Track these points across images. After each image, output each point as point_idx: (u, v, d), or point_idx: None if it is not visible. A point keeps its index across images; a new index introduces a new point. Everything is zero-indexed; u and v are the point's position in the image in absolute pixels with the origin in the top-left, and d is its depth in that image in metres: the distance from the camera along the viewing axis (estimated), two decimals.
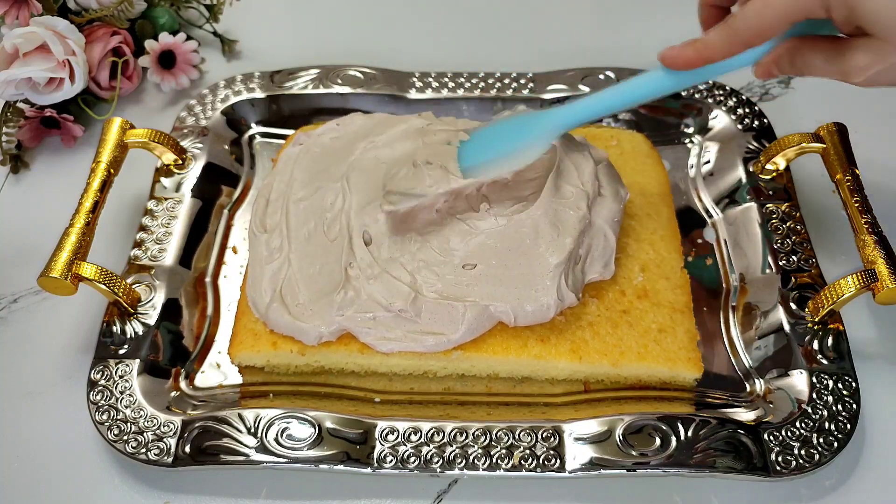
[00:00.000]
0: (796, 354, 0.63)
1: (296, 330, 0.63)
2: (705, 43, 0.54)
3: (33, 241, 0.75)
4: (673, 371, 0.63)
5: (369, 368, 0.66)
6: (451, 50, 0.93)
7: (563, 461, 0.58)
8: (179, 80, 0.87)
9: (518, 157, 0.63)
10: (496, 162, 0.64)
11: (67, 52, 0.79)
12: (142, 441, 0.59)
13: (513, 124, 0.65)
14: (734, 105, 0.80)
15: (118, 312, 0.66)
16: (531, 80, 0.83)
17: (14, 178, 0.82)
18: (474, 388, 0.66)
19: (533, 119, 0.64)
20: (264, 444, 0.59)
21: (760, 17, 0.51)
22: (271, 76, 0.84)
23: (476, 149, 0.65)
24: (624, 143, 0.78)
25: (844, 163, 0.68)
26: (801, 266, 0.68)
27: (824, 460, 0.57)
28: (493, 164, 0.64)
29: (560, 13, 0.98)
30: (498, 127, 0.66)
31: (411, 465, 0.58)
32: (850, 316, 0.66)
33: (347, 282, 0.63)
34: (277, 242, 0.67)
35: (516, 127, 0.64)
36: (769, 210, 0.71)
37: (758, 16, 0.51)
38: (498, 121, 0.67)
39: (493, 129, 0.67)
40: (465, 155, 0.65)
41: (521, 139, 0.63)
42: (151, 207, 0.73)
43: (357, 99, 0.82)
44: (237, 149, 0.82)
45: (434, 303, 0.62)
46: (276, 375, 0.67)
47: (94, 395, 0.62)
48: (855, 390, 0.60)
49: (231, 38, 0.93)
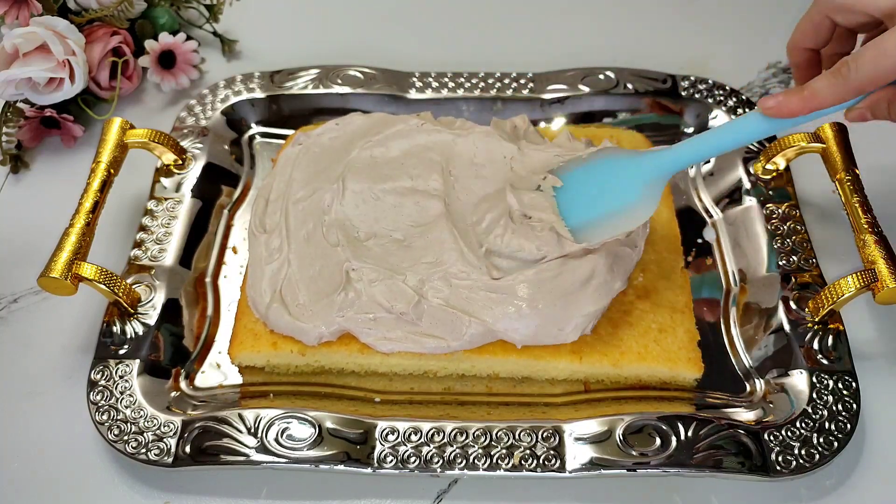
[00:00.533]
0: (796, 354, 0.63)
1: (296, 330, 0.63)
2: (813, 92, 0.53)
3: (33, 241, 0.75)
4: (673, 371, 0.63)
5: (369, 368, 0.66)
6: (451, 50, 0.93)
7: (564, 461, 0.58)
8: (179, 80, 0.87)
9: (629, 216, 0.60)
10: (606, 223, 0.60)
11: (67, 52, 0.79)
12: (142, 441, 0.59)
13: (609, 168, 0.61)
14: (734, 105, 0.80)
15: (118, 312, 0.66)
16: (531, 80, 0.83)
17: (14, 178, 0.82)
18: (474, 388, 0.66)
19: (632, 164, 0.61)
20: (264, 445, 0.59)
21: (876, 67, 0.51)
22: (271, 76, 0.84)
23: (576, 201, 0.62)
24: (624, 143, 0.78)
25: (844, 163, 0.68)
26: (801, 266, 0.68)
27: (824, 460, 0.57)
28: (604, 226, 0.60)
29: (560, 13, 0.98)
30: (592, 170, 0.62)
31: (411, 465, 0.58)
32: (850, 316, 0.65)
33: (348, 283, 0.63)
34: (277, 243, 0.67)
35: (614, 172, 0.61)
36: (769, 210, 0.71)
37: (873, 65, 0.51)
38: (589, 161, 0.63)
39: (587, 172, 0.63)
40: (567, 209, 0.62)
41: (623, 190, 0.60)
42: (151, 207, 0.73)
43: (357, 99, 0.82)
44: (237, 149, 0.82)
45: (438, 309, 0.62)
46: (277, 375, 0.67)
47: (94, 395, 0.62)
48: (855, 390, 0.60)
49: (231, 38, 0.93)
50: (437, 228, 0.65)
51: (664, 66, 0.84)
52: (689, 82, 0.82)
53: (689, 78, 0.82)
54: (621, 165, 0.62)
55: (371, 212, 0.68)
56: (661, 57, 0.87)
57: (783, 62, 0.89)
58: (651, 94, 0.81)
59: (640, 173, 0.60)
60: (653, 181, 0.60)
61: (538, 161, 0.69)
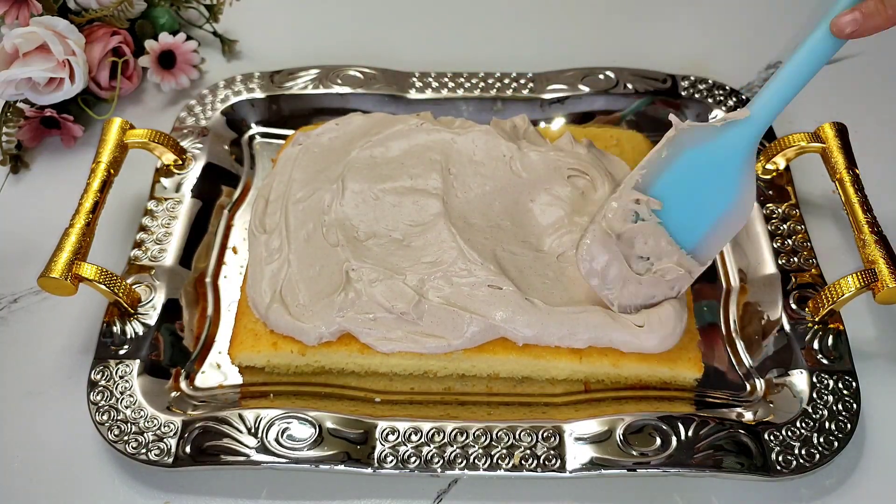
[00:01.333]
0: (796, 354, 0.63)
1: (296, 330, 0.63)
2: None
3: (33, 241, 0.75)
4: (673, 371, 0.63)
5: (369, 368, 0.66)
6: (451, 50, 0.93)
7: (564, 461, 0.58)
8: (179, 80, 0.87)
9: (738, 213, 0.57)
10: (720, 230, 0.57)
11: (67, 52, 0.79)
12: (142, 441, 0.59)
13: (697, 161, 0.57)
14: (734, 105, 0.80)
15: (118, 313, 0.66)
16: (531, 80, 0.83)
17: (14, 178, 0.82)
18: (475, 388, 0.66)
19: (720, 146, 0.56)
20: (265, 445, 0.59)
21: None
22: (271, 76, 0.84)
23: (680, 216, 0.58)
24: (624, 143, 0.78)
25: (844, 163, 0.68)
26: (801, 266, 0.68)
27: (824, 460, 0.57)
28: (718, 235, 0.58)
29: (560, 13, 0.98)
30: (681, 171, 0.58)
31: (412, 465, 0.58)
32: (850, 316, 0.65)
33: (348, 283, 0.63)
34: (277, 243, 0.67)
35: (705, 165, 0.56)
36: (769, 210, 0.71)
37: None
38: (673, 161, 0.58)
39: (675, 176, 0.58)
40: (677, 233, 0.58)
41: (724, 182, 0.56)
42: (151, 207, 0.73)
43: (357, 99, 0.82)
44: (237, 149, 0.82)
45: (438, 308, 0.62)
46: (277, 376, 0.67)
47: (95, 395, 0.62)
48: (855, 390, 0.60)
49: (231, 38, 0.93)
50: (436, 227, 0.66)
51: (664, 66, 0.84)
52: (689, 82, 0.82)
53: (689, 78, 0.82)
54: (709, 152, 0.57)
55: (371, 212, 0.68)
56: (661, 57, 0.87)
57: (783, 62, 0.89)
58: (651, 94, 0.81)
59: (733, 154, 0.56)
60: (746, 158, 0.56)
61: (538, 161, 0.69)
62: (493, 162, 0.70)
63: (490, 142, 0.71)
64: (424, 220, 0.67)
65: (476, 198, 0.69)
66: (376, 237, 0.66)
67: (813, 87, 0.86)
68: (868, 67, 0.88)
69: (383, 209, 0.68)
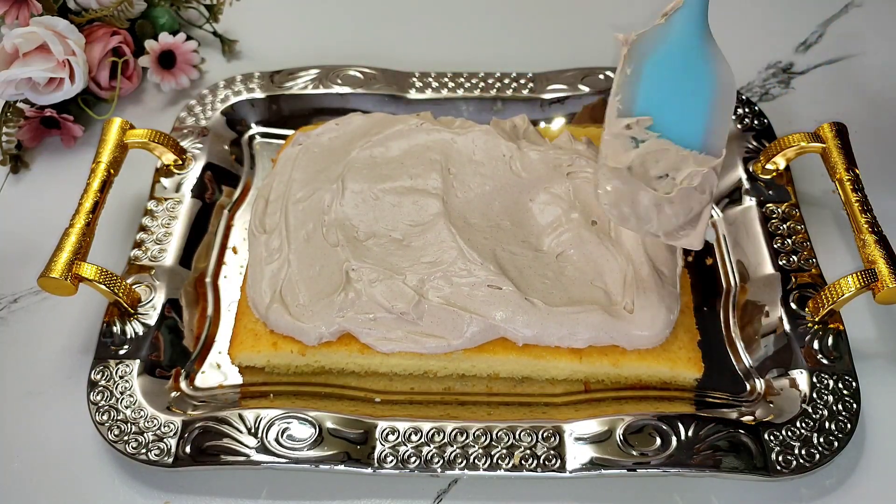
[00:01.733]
0: (796, 354, 0.63)
1: (296, 330, 0.63)
2: None
3: (33, 241, 0.75)
4: (673, 371, 0.63)
5: (369, 368, 0.66)
6: (451, 50, 0.93)
7: (564, 461, 0.58)
8: (179, 80, 0.87)
9: (724, 89, 0.55)
10: (715, 118, 0.55)
11: (67, 52, 0.79)
12: (142, 441, 0.59)
13: (661, 67, 0.56)
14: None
15: (118, 313, 0.66)
16: (531, 79, 0.83)
17: (14, 178, 0.82)
18: (475, 388, 0.66)
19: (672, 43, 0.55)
20: (265, 445, 0.59)
21: None
22: (271, 76, 0.84)
23: (675, 124, 0.56)
24: None
25: (844, 163, 0.68)
26: (801, 266, 0.68)
27: (824, 460, 0.57)
28: (718, 122, 0.55)
29: (560, 13, 0.98)
30: (655, 82, 0.56)
31: (412, 466, 0.58)
32: (850, 316, 0.65)
33: (348, 283, 0.63)
34: (277, 243, 0.67)
35: (669, 66, 0.55)
36: (769, 210, 0.71)
37: None
38: (640, 77, 0.57)
39: (652, 90, 0.56)
40: (680, 138, 0.56)
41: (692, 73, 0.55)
42: (151, 208, 0.73)
43: (357, 99, 0.82)
44: (237, 149, 0.82)
45: (438, 308, 0.62)
46: (277, 376, 0.67)
47: (95, 395, 0.62)
48: (855, 390, 0.60)
49: (231, 38, 0.93)
50: (435, 227, 0.66)
51: None
52: None
53: None
54: (668, 51, 0.56)
55: (371, 212, 0.68)
56: None
57: (783, 62, 0.89)
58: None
59: (689, 40, 0.55)
60: (703, 37, 0.55)
61: (538, 160, 0.69)
62: (493, 162, 0.70)
63: (490, 141, 0.71)
64: (424, 220, 0.67)
65: (476, 198, 0.69)
66: (376, 237, 0.66)
67: (813, 87, 0.87)
68: (868, 67, 0.88)
69: (383, 209, 0.68)
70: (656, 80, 0.57)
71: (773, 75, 0.88)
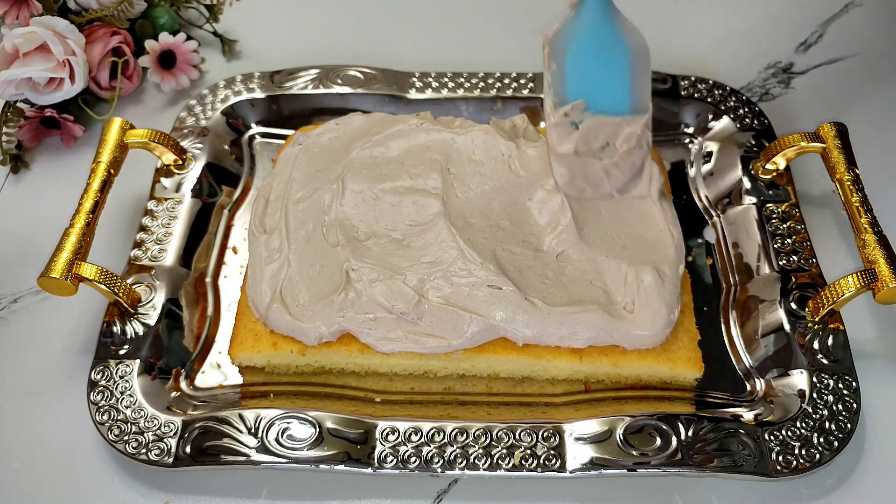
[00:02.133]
0: (797, 354, 0.63)
1: (296, 330, 0.63)
2: None
3: (33, 241, 0.75)
4: (673, 371, 0.63)
5: (370, 368, 0.66)
6: (451, 50, 0.93)
7: (564, 461, 0.58)
8: (179, 80, 0.87)
9: (637, 55, 0.60)
10: (637, 79, 0.61)
11: (67, 52, 0.79)
12: (142, 441, 0.59)
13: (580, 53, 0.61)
14: (734, 105, 0.80)
15: (118, 313, 0.66)
16: (531, 79, 0.83)
17: (14, 178, 0.82)
18: (475, 387, 0.66)
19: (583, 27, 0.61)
20: (265, 445, 0.59)
21: None
22: (271, 76, 0.84)
23: (605, 97, 0.62)
24: None
25: (844, 163, 0.68)
26: (801, 266, 0.68)
27: (824, 460, 0.57)
28: (639, 83, 0.61)
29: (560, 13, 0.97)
30: (579, 69, 0.62)
31: (412, 465, 0.58)
32: (850, 316, 0.65)
33: (348, 283, 0.63)
34: (277, 243, 0.67)
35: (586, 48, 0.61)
36: (769, 210, 0.71)
37: None
38: (564, 68, 0.63)
39: (578, 76, 0.62)
40: (611, 108, 0.62)
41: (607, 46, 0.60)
42: (151, 207, 0.73)
43: (357, 99, 0.82)
44: (237, 149, 0.82)
45: (438, 308, 0.62)
46: (277, 376, 0.67)
47: (95, 395, 0.62)
48: (855, 390, 0.60)
49: (231, 38, 0.93)
50: (435, 227, 0.66)
51: (664, 66, 0.83)
52: (688, 82, 0.82)
53: (689, 78, 0.82)
54: (582, 35, 0.62)
55: (370, 211, 0.68)
56: (661, 57, 0.87)
57: (783, 62, 0.89)
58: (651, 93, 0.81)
59: (594, 18, 0.61)
60: (603, 11, 0.61)
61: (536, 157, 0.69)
62: (493, 161, 0.70)
63: (489, 141, 0.71)
64: (424, 220, 0.67)
65: (476, 197, 0.69)
66: (376, 237, 0.66)
67: (813, 87, 0.87)
68: (868, 67, 0.88)
69: (383, 209, 0.68)
70: (579, 68, 0.63)
71: (773, 75, 0.88)
